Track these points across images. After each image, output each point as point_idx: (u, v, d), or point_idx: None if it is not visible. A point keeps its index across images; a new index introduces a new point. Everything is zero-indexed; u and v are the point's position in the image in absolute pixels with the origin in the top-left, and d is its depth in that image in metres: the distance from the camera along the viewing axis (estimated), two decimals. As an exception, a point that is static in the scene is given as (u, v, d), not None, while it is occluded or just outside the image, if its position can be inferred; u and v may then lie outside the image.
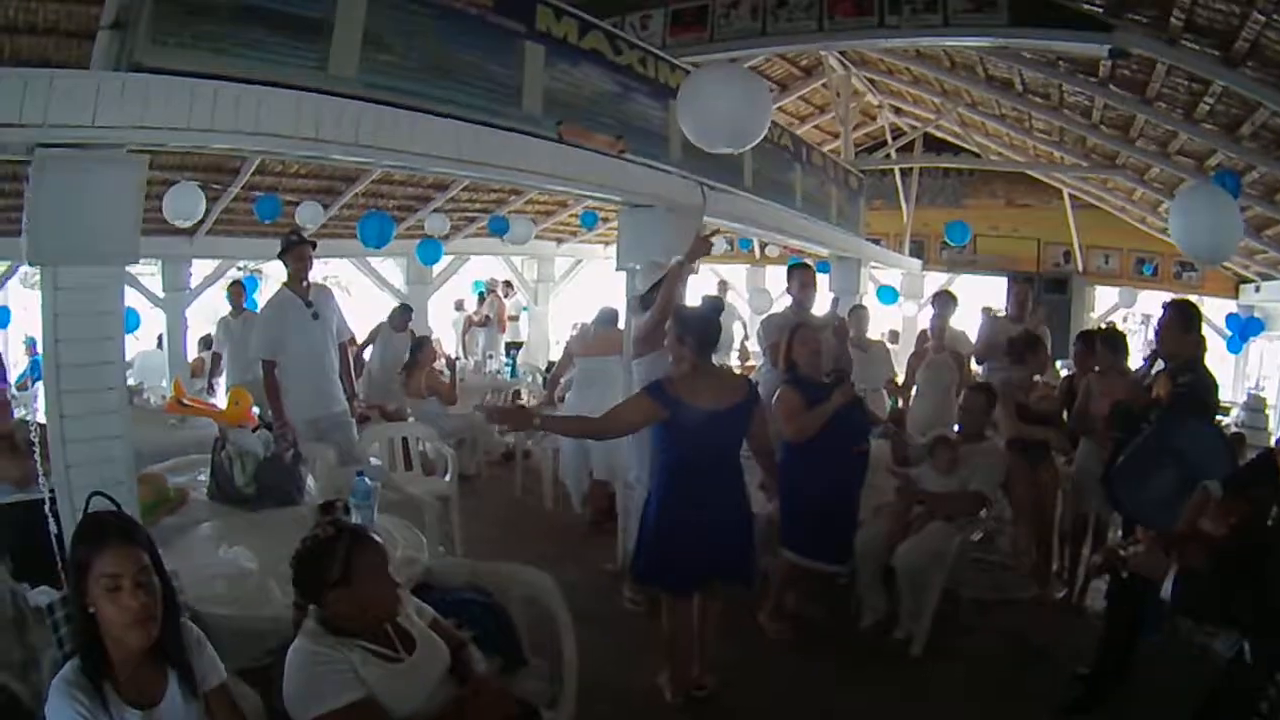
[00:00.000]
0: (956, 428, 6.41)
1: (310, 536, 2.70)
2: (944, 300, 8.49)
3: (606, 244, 15.65)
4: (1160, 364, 5.45)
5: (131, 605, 2.28)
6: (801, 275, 6.90)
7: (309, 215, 9.29)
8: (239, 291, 9.94)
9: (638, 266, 6.09)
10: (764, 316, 7.99)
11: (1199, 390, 4.79)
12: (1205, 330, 5.25)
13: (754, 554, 4.70)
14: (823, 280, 9.06)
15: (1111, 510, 5.65)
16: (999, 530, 6.12)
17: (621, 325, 6.82)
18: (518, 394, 11.23)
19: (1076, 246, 14.65)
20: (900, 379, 8.67)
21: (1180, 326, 5.00)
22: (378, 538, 2.79)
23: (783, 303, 9.85)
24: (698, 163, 6.17)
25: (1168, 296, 13.69)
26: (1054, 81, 8.90)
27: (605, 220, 14.19)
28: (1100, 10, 6.68)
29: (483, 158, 4.57)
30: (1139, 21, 6.55)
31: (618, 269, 6.41)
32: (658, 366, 5.35)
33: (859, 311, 8.39)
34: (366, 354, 10.72)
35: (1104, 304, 15.21)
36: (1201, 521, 3.81)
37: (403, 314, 10.18)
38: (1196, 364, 4.93)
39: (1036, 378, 6.60)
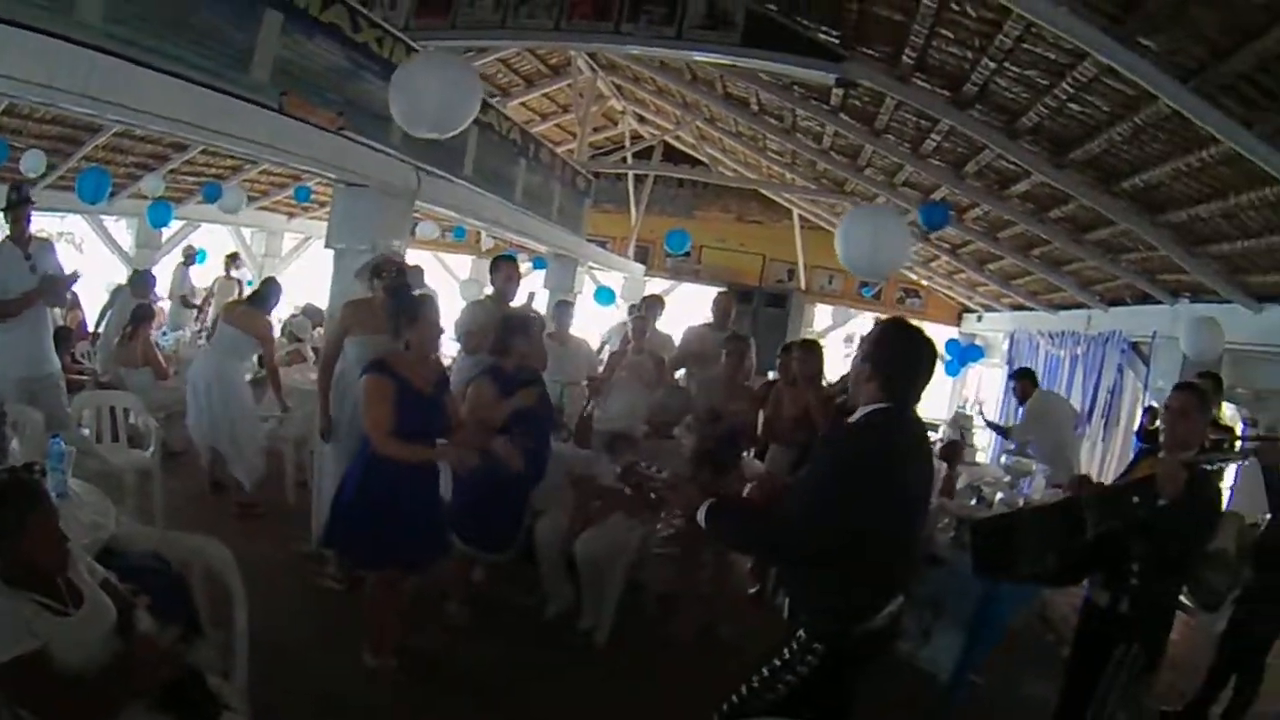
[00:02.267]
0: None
1: None
2: (651, 303, 8.90)
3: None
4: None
5: None
6: (506, 268, 7.03)
7: (32, 164, 8.95)
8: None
9: (343, 246, 6.19)
10: (464, 305, 8.13)
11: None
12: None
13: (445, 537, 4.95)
14: (540, 277, 9.29)
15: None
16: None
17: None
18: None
19: (801, 265, 15.51)
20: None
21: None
22: (52, 494, 2.89)
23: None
24: (418, 147, 6.29)
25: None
26: (788, 105, 9.36)
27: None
28: (835, 41, 7.09)
29: (203, 121, 4.54)
30: (872, 56, 7.03)
31: (327, 246, 6.46)
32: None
33: (563, 307, 8.61)
34: (91, 318, 10.36)
35: (823, 322, 16.28)
36: None
37: (144, 280, 9.72)
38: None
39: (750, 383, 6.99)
